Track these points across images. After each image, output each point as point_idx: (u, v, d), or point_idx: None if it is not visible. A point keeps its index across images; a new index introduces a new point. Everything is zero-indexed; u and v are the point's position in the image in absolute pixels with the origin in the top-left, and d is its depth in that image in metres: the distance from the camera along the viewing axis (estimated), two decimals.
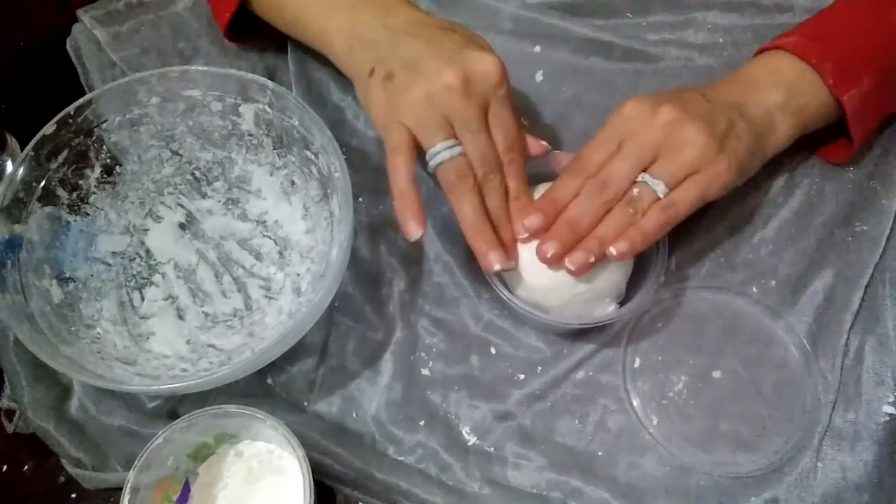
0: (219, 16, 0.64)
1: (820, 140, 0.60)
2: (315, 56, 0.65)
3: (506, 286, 0.55)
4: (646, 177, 0.51)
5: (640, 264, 0.56)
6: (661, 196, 0.51)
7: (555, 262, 0.51)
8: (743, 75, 0.57)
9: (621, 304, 0.55)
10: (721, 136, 0.52)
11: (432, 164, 0.52)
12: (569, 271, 0.51)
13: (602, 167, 0.52)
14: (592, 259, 0.51)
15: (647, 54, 0.66)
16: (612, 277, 0.54)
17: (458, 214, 0.52)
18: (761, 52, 0.58)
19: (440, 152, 0.51)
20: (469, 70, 0.51)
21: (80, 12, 0.67)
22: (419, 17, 0.56)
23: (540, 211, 0.52)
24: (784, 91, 0.55)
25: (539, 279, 0.53)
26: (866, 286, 0.57)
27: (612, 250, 0.51)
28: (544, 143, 0.56)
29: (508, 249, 0.53)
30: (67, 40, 0.67)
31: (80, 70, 0.67)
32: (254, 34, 0.66)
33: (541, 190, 0.55)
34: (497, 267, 0.51)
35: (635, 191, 0.52)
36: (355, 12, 0.56)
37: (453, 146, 0.51)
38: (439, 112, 0.51)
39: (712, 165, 0.51)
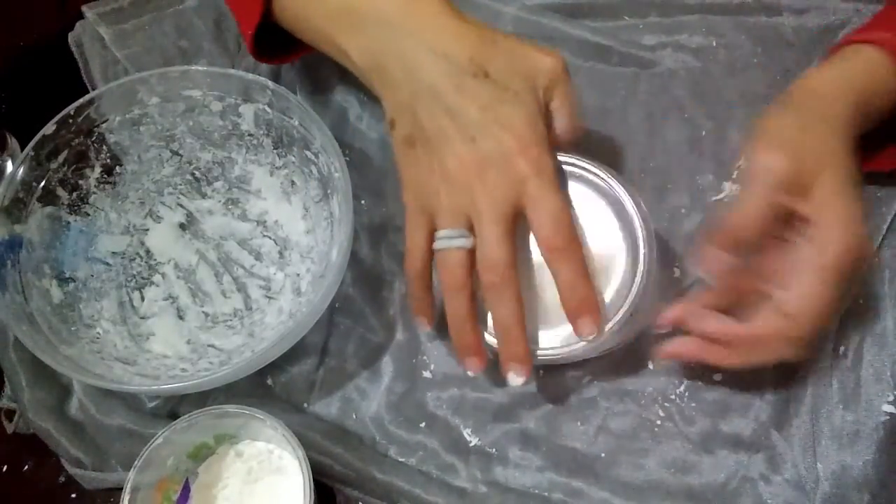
0: (245, 25, 0.56)
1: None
2: (320, 56, 0.64)
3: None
4: None
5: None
6: None
7: None
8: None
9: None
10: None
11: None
12: None
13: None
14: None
15: (643, 59, 0.66)
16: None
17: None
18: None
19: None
20: None
21: (85, 9, 0.67)
22: None
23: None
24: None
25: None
26: (865, 286, 0.57)
27: None
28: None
29: None
30: (69, 35, 0.67)
31: (81, 65, 0.66)
32: (282, 54, 0.59)
33: None
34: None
35: None
36: None
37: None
38: None
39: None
